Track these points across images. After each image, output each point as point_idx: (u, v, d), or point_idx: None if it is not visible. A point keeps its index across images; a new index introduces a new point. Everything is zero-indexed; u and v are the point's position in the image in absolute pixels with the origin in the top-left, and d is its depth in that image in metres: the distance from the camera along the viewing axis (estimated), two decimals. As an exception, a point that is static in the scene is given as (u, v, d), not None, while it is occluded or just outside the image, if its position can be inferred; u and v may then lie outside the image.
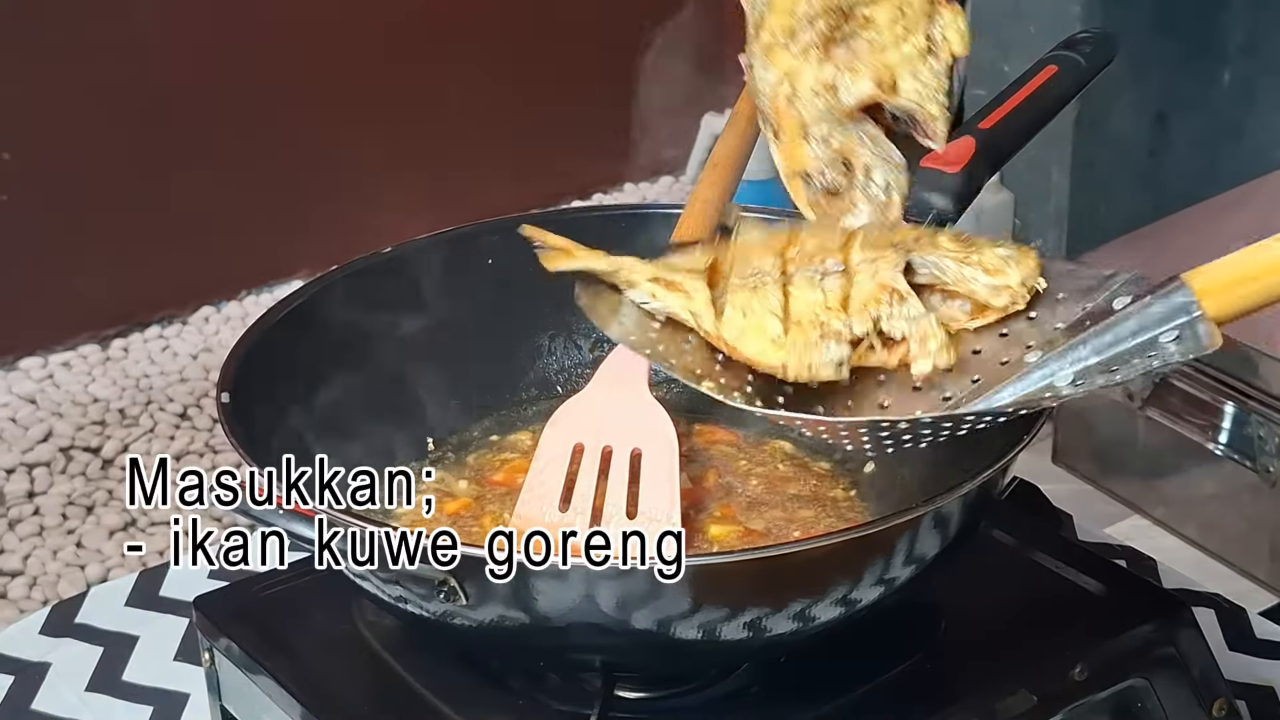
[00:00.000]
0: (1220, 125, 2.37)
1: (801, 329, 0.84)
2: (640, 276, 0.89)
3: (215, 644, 1.01)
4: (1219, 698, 1.00)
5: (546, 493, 0.94)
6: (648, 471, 0.92)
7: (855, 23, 0.91)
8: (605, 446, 0.93)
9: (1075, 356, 0.83)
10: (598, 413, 0.95)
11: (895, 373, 0.85)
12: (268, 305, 1.04)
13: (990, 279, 0.84)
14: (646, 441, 0.93)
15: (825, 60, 0.90)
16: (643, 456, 0.93)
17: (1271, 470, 1.64)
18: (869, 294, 0.84)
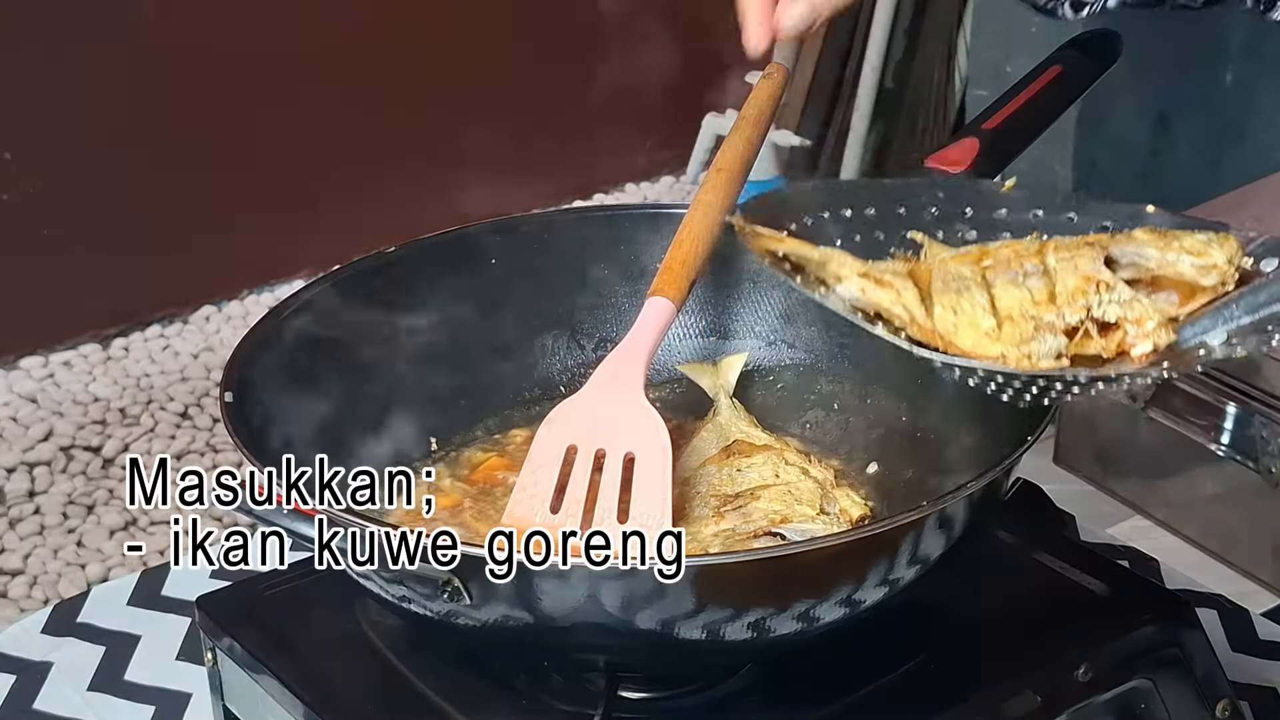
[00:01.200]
0: (1222, 126, 2.37)
1: (1015, 323, 0.84)
2: (850, 271, 0.89)
3: (218, 643, 1.01)
4: (1223, 698, 1.00)
5: (539, 493, 0.93)
6: (640, 476, 0.92)
7: None
8: (599, 449, 0.93)
9: (1227, 315, 0.82)
10: (592, 415, 0.95)
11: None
12: (269, 305, 1.04)
13: (1197, 259, 0.83)
14: (640, 445, 0.93)
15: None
16: (636, 461, 0.93)
17: (1274, 471, 1.64)
18: (1075, 287, 0.84)
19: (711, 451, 1.02)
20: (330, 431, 1.01)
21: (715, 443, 1.03)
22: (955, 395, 1.02)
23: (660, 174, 3.17)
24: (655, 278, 0.97)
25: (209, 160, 2.68)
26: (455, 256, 1.11)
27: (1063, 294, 0.84)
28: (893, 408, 1.05)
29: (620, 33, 3.02)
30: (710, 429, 1.05)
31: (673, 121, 3.07)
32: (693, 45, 3.12)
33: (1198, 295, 0.84)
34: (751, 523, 0.93)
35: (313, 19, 2.71)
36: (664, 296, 0.96)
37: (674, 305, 0.96)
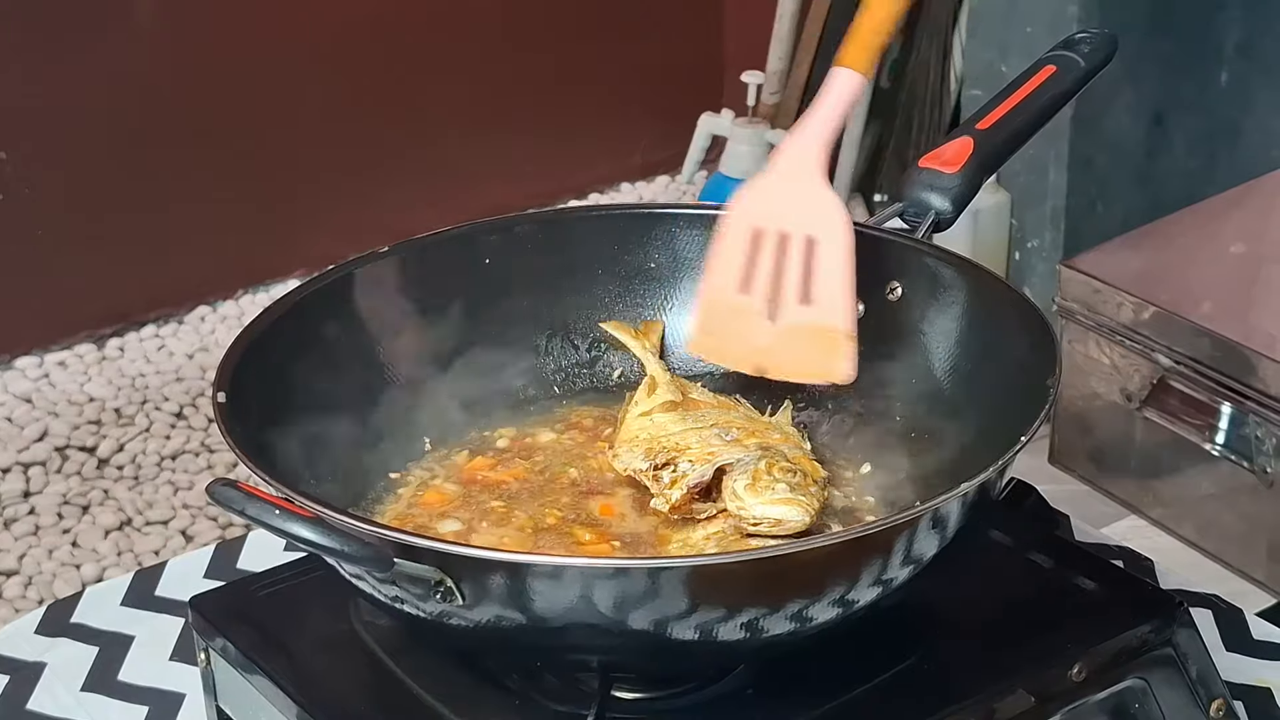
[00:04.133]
0: (1217, 126, 2.38)
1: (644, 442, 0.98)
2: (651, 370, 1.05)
3: (211, 644, 1.01)
4: (1217, 698, 1.00)
5: (729, 273, 0.99)
6: (821, 261, 0.97)
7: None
8: (781, 231, 0.97)
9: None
10: (776, 199, 0.98)
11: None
12: (264, 304, 1.04)
13: (744, 491, 0.92)
14: (821, 230, 0.97)
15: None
16: (818, 245, 0.97)
17: (1269, 471, 1.64)
18: (694, 453, 0.95)
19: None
20: (324, 431, 1.01)
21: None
22: (950, 396, 1.02)
23: (656, 174, 3.17)
24: (842, 45, 1.00)
25: (204, 160, 2.68)
26: (449, 256, 1.10)
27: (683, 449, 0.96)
28: (886, 408, 1.05)
29: (615, 32, 3.02)
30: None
31: (668, 121, 3.07)
32: (688, 44, 3.12)
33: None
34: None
35: (309, 20, 2.70)
36: (850, 67, 0.99)
37: (861, 77, 0.99)
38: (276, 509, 0.79)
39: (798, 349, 0.99)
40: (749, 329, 1.00)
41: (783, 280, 0.98)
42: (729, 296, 1.00)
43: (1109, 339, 1.86)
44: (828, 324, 0.98)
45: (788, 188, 0.99)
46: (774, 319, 0.99)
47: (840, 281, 0.97)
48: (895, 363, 1.05)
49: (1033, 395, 0.91)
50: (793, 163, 0.99)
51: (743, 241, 0.99)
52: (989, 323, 1.01)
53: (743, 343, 1.01)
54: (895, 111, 2.78)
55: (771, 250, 0.98)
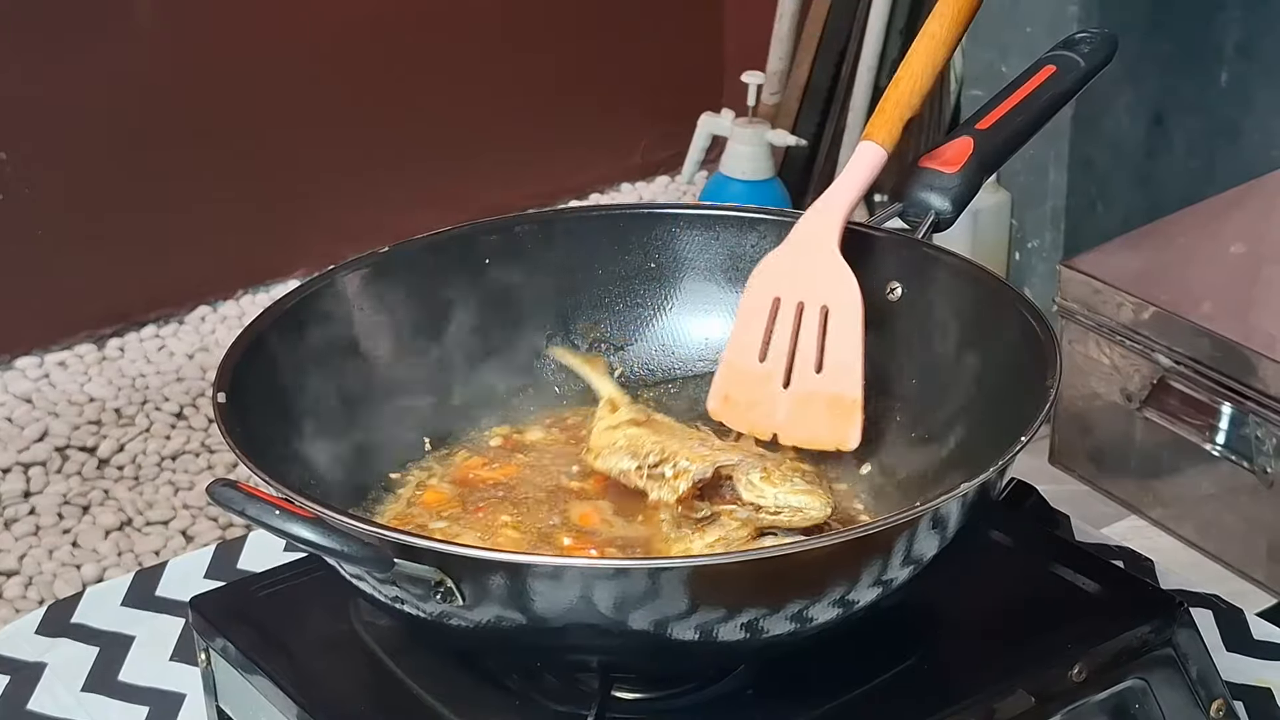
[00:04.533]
0: (1217, 126, 2.38)
1: (626, 447, 0.99)
2: (605, 393, 1.07)
3: (211, 644, 1.01)
4: (1217, 698, 1.00)
5: (748, 343, 1.04)
6: (834, 330, 1.01)
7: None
8: (798, 301, 1.02)
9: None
10: (793, 268, 1.04)
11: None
12: (264, 304, 1.04)
13: (758, 482, 0.94)
14: (833, 300, 1.02)
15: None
16: (830, 314, 1.02)
17: (1269, 471, 1.64)
18: (687, 453, 0.97)
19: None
20: (324, 431, 1.01)
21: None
22: (949, 396, 1.02)
23: (656, 174, 3.17)
24: (871, 118, 1.05)
25: (204, 160, 2.68)
26: (449, 256, 1.10)
27: (675, 451, 0.97)
28: (886, 408, 1.05)
29: (615, 32, 3.02)
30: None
31: (668, 121, 3.07)
32: (688, 44, 3.12)
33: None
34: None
35: (310, 20, 2.70)
36: (873, 141, 1.04)
37: (884, 150, 1.03)
38: (276, 509, 0.79)
39: (809, 416, 1.03)
40: (765, 396, 1.04)
41: (798, 348, 1.03)
42: (749, 364, 1.04)
43: (1109, 339, 1.86)
44: (838, 392, 1.02)
45: (805, 258, 1.03)
46: (788, 386, 1.04)
47: (852, 350, 1.01)
48: (895, 363, 1.05)
49: (1033, 395, 0.91)
50: (812, 233, 1.04)
51: (762, 309, 1.04)
52: (989, 323, 1.01)
53: (759, 409, 1.05)
54: (895, 111, 2.78)
55: (789, 319, 1.03)
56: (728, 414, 1.06)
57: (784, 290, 1.04)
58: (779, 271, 1.04)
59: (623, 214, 1.14)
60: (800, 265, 1.03)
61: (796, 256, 1.04)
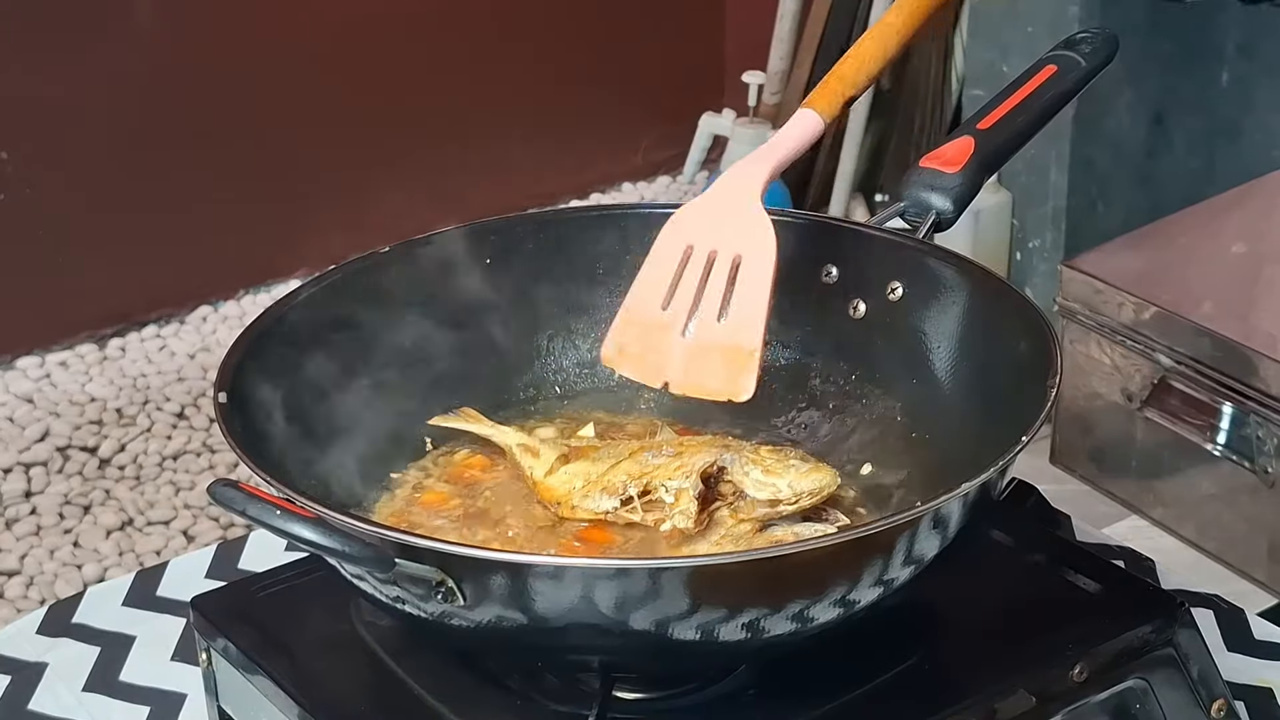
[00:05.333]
0: (1218, 126, 2.38)
1: (595, 485, 0.96)
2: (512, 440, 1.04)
3: (212, 644, 1.01)
4: (1218, 698, 1.00)
5: (653, 290, 1.01)
6: (744, 280, 0.99)
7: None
8: (711, 250, 1.00)
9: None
10: (710, 217, 1.01)
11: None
12: (265, 304, 1.04)
13: (762, 476, 0.93)
14: (748, 250, 0.99)
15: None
16: (742, 264, 0.99)
17: (1270, 471, 1.64)
18: (665, 472, 0.94)
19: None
20: (324, 431, 1.01)
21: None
22: (950, 396, 1.02)
23: (657, 174, 3.17)
24: (815, 88, 1.04)
25: (205, 160, 2.68)
26: (450, 256, 1.10)
27: (652, 474, 0.94)
28: (887, 408, 1.05)
29: (617, 32, 3.02)
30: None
31: (669, 121, 3.07)
32: (689, 45, 3.12)
33: (766, 504, 0.93)
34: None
35: (310, 20, 2.70)
36: (812, 109, 1.03)
37: (820, 119, 1.03)
38: (277, 509, 0.79)
39: (704, 365, 1.00)
40: (661, 343, 1.01)
41: (703, 297, 1.01)
42: (649, 311, 1.01)
43: (1110, 339, 1.86)
44: (736, 341, 0.99)
45: (724, 208, 1.01)
46: (686, 334, 1.01)
47: (757, 300, 0.99)
48: (896, 363, 1.05)
49: (1033, 396, 0.91)
50: (734, 184, 1.02)
51: (672, 257, 1.02)
52: (990, 323, 1.01)
53: (653, 357, 1.02)
54: (896, 111, 2.78)
55: (698, 268, 1.01)
56: (621, 361, 1.03)
57: (698, 239, 1.01)
58: (695, 220, 1.02)
59: (623, 213, 1.14)
60: (718, 214, 1.01)
61: (716, 206, 1.01)
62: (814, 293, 1.09)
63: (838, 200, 2.82)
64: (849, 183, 2.81)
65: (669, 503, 0.93)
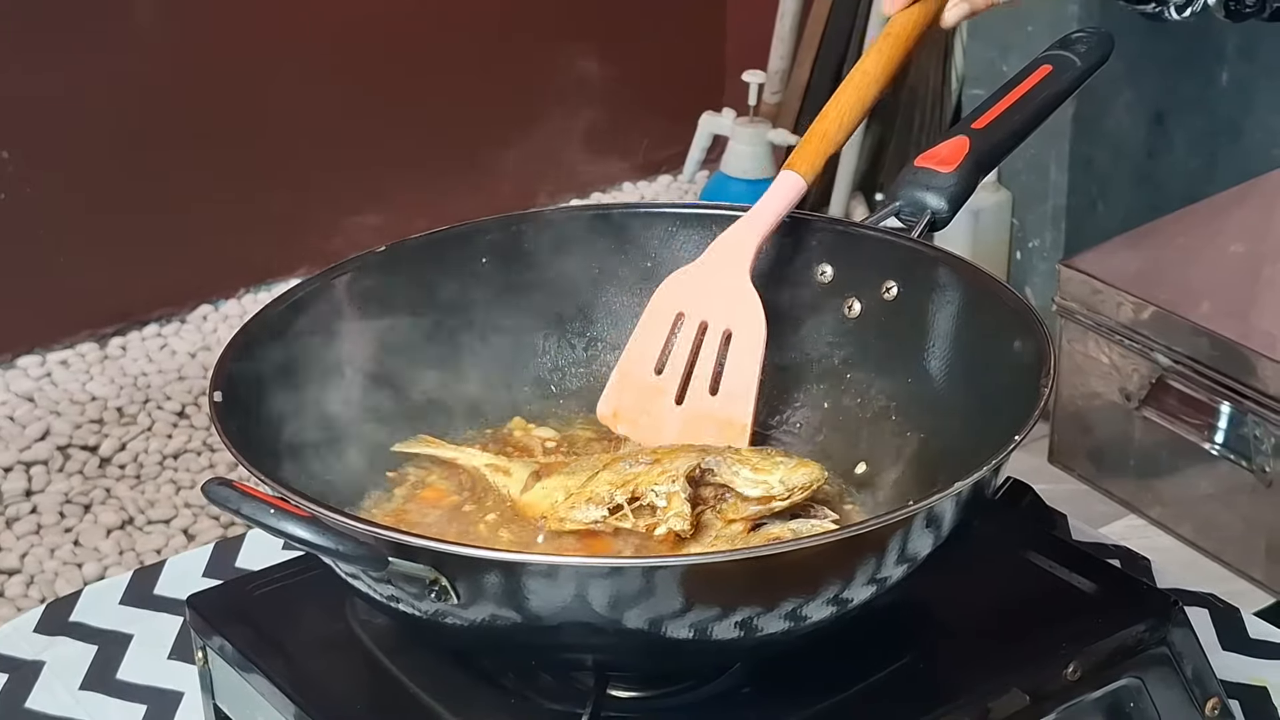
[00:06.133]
0: (1218, 125, 2.38)
1: (580, 496, 0.96)
2: (479, 462, 1.03)
3: (209, 642, 1.01)
4: (1212, 697, 1.00)
5: (646, 354, 1.04)
6: (734, 354, 1.02)
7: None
8: (702, 321, 1.03)
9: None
10: (702, 287, 1.04)
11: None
12: (266, 304, 1.04)
13: (752, 474, 0.93)
14: (738, 325, 1.02)
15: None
16: (732, 339, 1.02)
17: (1268, 470, 1.64)
18: (650, 478, 0.94)
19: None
20: (321, 430, 1.01)
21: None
22: (945, 395, 1.02)
23: (657, 173, 3.17)
24: (794, 150, 1.06)
25: (206, 160, 2.68)
26: (447, 255, 1.11)
27: (635, 481, 0.94)
28: (882, 407, 1.05)
29: (617, 31, 3.02)
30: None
31: (669, 120, 3.07)
32: (690, 44, 3.12)
33: (752, 502, 0.94)
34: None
35: (311, 20, 2.71)
36: (794, 171, 1.04)
37: (804, 181, 1.04)
38: (272, 508, 0.79)
39: (699, 433, 1.02)
40: (657, 408, 1.04)
41: (695, 367, 1.03)
42: (644, 375, 1.05)
43: (1108, 338, 1.86)
44: (729, 415, 1.02)
45: (716, 278, 1.04)
46: (681, 403, 1.04)
47: (749, 376, 1.02)
48: (891, 362, 1.05)
49: (1028, 394, 0.91)
50: (725, 255, 1.04)
51: (664, 322, 1.05)
52: (984, 322, 1.01)
53: (648, 420, 1.05)
54: (896, 111, 2.78)
55: (690, 336, 1.04)
56: (616, 422, 1.06)
57: (689, 307, 1.04)
58: (687, 288, 1.05)
59: (620, 212, 1.14)
60: (709, 285, 1.04)
61: (707, 276, 1.04)
62: (809, 292, 1.09)
63: (838, 199, 2.82)
64: (849, 182, 2.81)
65: (661, 506, 0.93)
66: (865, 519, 0.94)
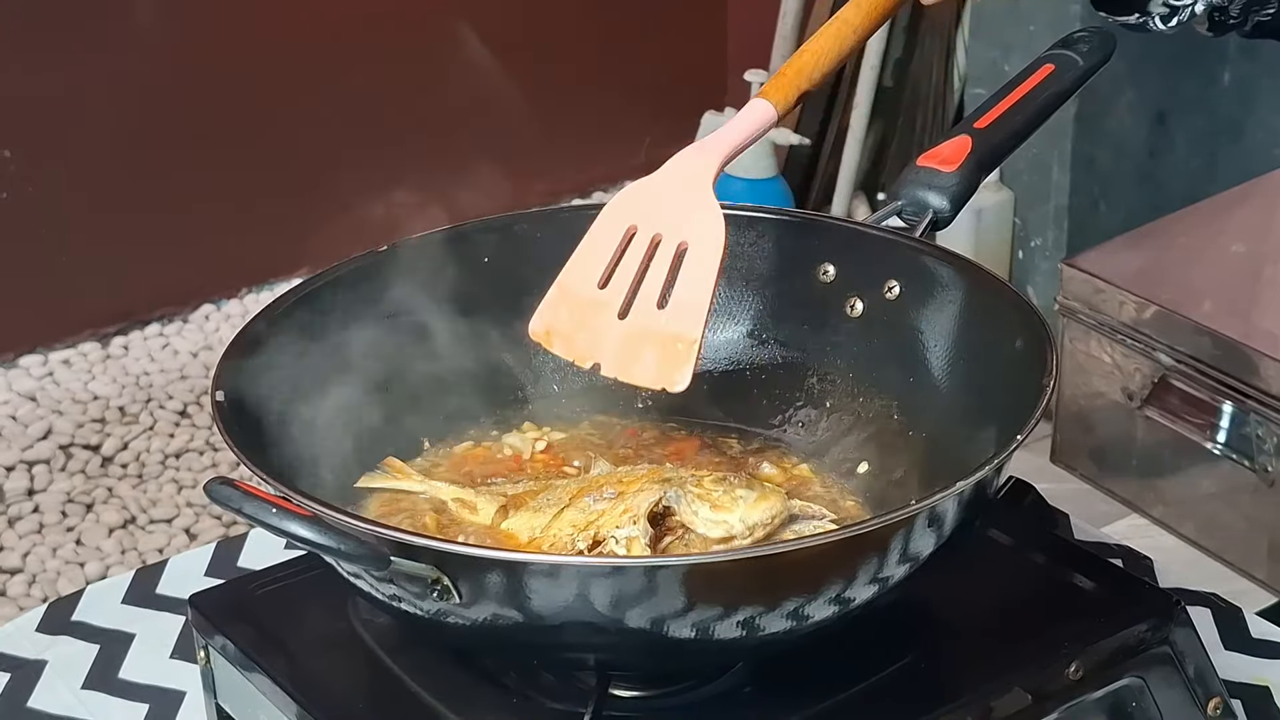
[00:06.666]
0: (1220, 125, 2.38)
1: (542, 540, 0.93)
2: (447, 495, 1.01)
3: (211, 642, 1.01)
4: (1214, 696, 1.00)
5: (590, 267, 0.97)
6: (688, 267, 0.95)
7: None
8: (656, 234, 0.96)
9: None
10: (657, 200, 0.98)
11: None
12: (267, 303, 1.04)
13: (712, 514, 0.91)
14: (694, 237, 0.96)
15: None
16: (688, 251, 0.96)
17: (1270, 469, 1.64)
18: (612, 519, 0.91)
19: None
20: (321, 430, 1.01)
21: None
22: (947, 395, 1.03)
23: (659, 173, 3.17)
24: (768, 80, 1.02)
25: (208, 159, 2.68)
26: (449, 254, 1.11)
27: (594, 521, 0.92)
28: (884, 407, 1.05)
29: (619, 31, 3.02)
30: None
31: (671, 119, 3.07)
32: (692, 43, 3.12)
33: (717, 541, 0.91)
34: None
35: (312, 21, 2.71)
36: (766, 99, 1.00)
37: (774, 110, 1.00)
38: (273, 508, 0.79)
39: (640, 351, 0.96)
40: (597, 323, 0.97)
41: (644, 281, 0.97)
42: (585, 288, 0.98)
43: (1111, 338, 1.86)
44: (676, 330, 0.95)
45: (674, 190, 0.98)
46: (624, 317, 0.97)
47: (702, 290, 0.95)
48: (892, 361, 1.05)
49: (1029, 394, 0.91)
50: (685, 167, 0.98)
51: (613, 236, 0.98)
52: (986, 321, 1.01)
53: (585, 335, 0.98)
54: (899, 110, 2.78)
55: (641, 251, 0.97)
56: (550, 339, 0.99)
57: (642, 220, 0.97)
58: (641, 200, 0.98)
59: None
60: (666, 196, 0.97)
61: (664, 188, 0.98)
62: (811, 291, 1.09)
63: (840, 199, 2.82)
64: (851, 181, 2.81)
65: (620, 553, 0.90)
66: (867, 518, 0.94)
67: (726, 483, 0.92)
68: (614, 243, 0.97)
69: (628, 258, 0.97)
